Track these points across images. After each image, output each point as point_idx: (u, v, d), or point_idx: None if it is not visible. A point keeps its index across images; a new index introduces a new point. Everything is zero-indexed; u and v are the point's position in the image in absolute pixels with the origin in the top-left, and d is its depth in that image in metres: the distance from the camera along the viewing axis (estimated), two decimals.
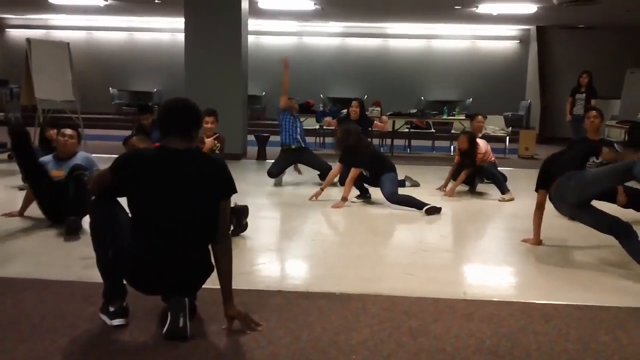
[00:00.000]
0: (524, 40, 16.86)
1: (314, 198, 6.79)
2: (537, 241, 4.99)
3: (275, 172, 7.89)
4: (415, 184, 7.95)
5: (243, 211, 5.09)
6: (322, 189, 6.88)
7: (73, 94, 9.71)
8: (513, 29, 16.83)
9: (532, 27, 16.36)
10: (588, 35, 15.86)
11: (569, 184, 4.57)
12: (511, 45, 17.03)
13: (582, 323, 3.31)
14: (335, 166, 7.02)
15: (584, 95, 10.76)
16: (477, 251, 5.07)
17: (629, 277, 4.21)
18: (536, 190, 4.91)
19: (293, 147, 7.98)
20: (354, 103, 8.63)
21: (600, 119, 5.92)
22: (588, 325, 3.27)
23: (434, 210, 6.23)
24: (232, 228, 4.86)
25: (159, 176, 2.92)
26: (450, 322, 3.26)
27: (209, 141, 6.10)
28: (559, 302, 3.64)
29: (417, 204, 6.32)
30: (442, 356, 2.83)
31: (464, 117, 12.01)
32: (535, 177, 4.97)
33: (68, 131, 5.53)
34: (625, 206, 6.13)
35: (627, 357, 2.88)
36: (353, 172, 6.58)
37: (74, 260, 4.26)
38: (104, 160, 2.98)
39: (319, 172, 7.94)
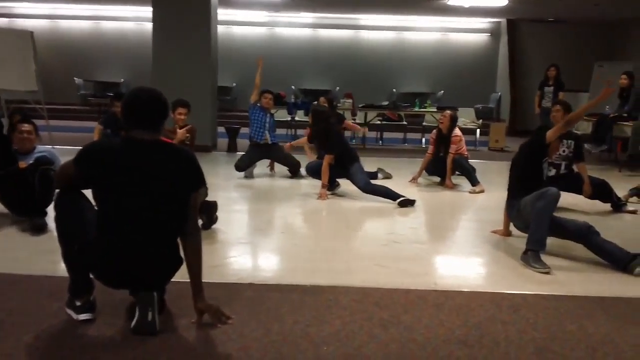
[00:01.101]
0: (494, 33, 17.00)
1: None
2: (506, 232, 5.05)
3: (243, 166, 7.87)
4: (388, 176, 7.97)
5: (212, 206, 5.05)
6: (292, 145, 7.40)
7: (36, 84, 9.51)
8: (484, 22, 16.95)
9: (503, 20, 16.50)
10: (557, 29, 16.06)
11: (512, 213, 4.74)
12: (482, 37, 17.15)
13: (549, 312, 3.35)
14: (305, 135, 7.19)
15: (552, 88, 10.87)
16: (447, 243, 5.11)
17: (594, 268, 4.28)
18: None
19: (260, 142, 7.98)
20: (322, 99, 8.65)
21: (563, 112, 5.98)
22: (555, 315, 3.32)
23: (408, 202, 6.25)
24: (202, 223, 4.83)
25: (125, 169, 2.85)
26: (421, 313, 3.28)
27: (180, 132, 6.04)
28: (527, 292, 3.69)
29: (391, 195, 6.34)
30: (412, 346, 2.85)
31: (435, 110, 12.08)
32: (506, 169, 5.02)
33: (25, 127, 5.29)
34: (591, 197, 6.24)
35: (593, 345, 2.93)
36: (327, 158, 6.60)
37: (40, 255, 4.18)
38: (69, 152, 2.91)
39: (288, 168, 7.96)
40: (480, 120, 12.84)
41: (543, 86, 11.06)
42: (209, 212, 4.99)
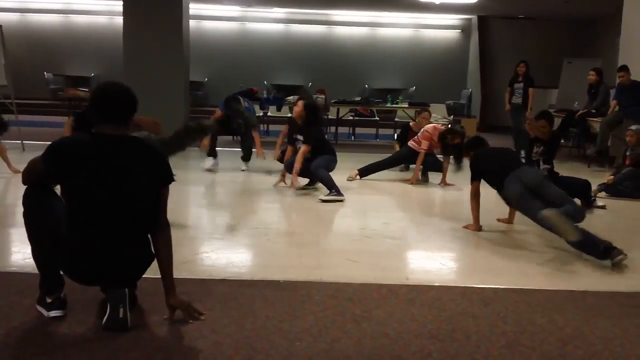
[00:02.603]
0: (465, 29, 17.14)
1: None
2: (477, 227, 5.11)
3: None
4: None
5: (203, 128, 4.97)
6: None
7: (5, 78, 9.32)
8: (455, 18, 17.09)
9: (474, 17, 16.65)
10: (527, 26, 16.25)
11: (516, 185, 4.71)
12: (453, 34, 17.28)
13: (519, 306, 3.40)
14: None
15: (522, 84, 10.85)
16: (419, 237, 5.15)
17: (564, 261, 4.35)
18: (472, 181, 5.04)
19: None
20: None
21: (549, 128, 6.32)
22: (525, 308, 3.37)
23: (332, 201, 6.20)
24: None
25: (94, 165, 2.81)
26: (393, 308, 3.30)
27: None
28: (498, 286, 3.73)
29: (327, 184, 6.36)
30: (385, 341, 2.87)
31: (407, 106, 12.14)
32: None
33: None
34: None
35: (563, 338, 2.97)
36: (304, 147, 6.56)
37: (9, 251, 4.12)
38: (38, 147, 2.87)
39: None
40: (452, 116, 12.94)
41: (513, 83, 11.03)
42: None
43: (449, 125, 7.69)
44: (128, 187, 2.85)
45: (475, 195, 5.08)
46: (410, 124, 8.86)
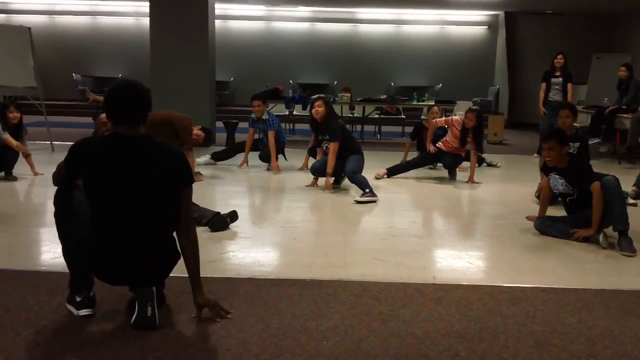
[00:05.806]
0: (492, 25, 16.98)
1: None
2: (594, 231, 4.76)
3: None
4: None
5: (232, 217, 4.99)
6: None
7: (35, 80, 9.48)
8: (482, 15, 16.94)
9: (501, 13, 16.49)
10: (555, 21, 16.05)
11: None
12: (480, 30, 17.14)
13: (548, 305, 3.36)
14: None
15: (561, 79, 9.84)
16: (446, 236, 5.10)
17: (592, 260, 4.29)
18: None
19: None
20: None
21: (573, 118, 6.08)
22: (554, 308, 3.32)
23: (366, 202, 6.11)
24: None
25: (110, 165, 2.83)
26: (420, 307, 3.28)
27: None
28: (526, 285, 3.69)
29: (362, 186, 6.29)
30: (411, 340, 2.85)
31: (433, 103, 12.05)
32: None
33: None
34: None
35: (592, 338, 2.93)
36: (333, 146, 6.58)
37: (38, 250, 4.18)
38: (68, 148, 2.91)
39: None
40: None
41: (550, 77, 9.96)
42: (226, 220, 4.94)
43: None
44: (144, 187, 2.85)
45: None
46: (423, 121, 8.87)
